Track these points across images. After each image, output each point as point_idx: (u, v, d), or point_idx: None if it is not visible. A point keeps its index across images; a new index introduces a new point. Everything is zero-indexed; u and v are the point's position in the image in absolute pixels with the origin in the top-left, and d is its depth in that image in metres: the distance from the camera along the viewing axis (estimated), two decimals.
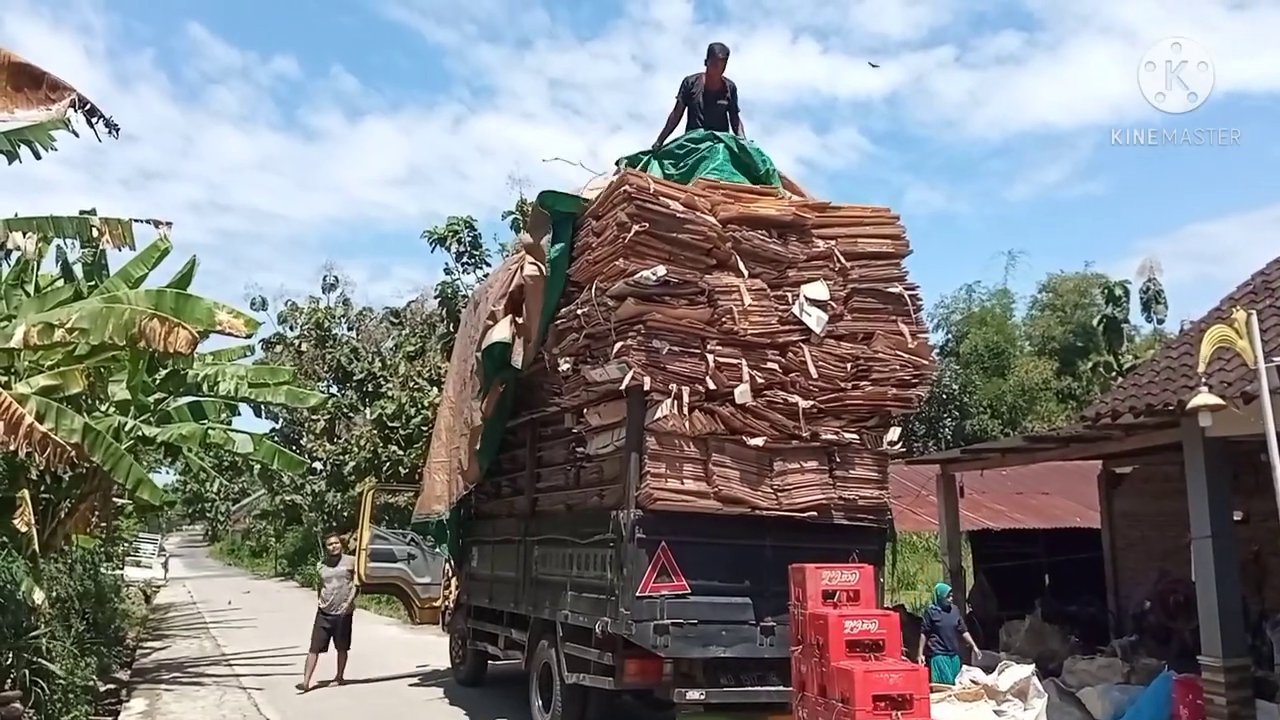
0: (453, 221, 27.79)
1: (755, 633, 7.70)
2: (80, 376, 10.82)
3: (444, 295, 27.82)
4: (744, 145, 8.95)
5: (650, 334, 7.53)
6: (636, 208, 7.61)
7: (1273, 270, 10.61)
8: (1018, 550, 14.61)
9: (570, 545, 8.61)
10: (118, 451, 10.79)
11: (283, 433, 34.76)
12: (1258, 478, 7.72)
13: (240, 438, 15.40)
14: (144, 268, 13.47)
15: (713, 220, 7.91)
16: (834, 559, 7.27)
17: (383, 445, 26.88)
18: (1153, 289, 33.45)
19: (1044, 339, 35.00)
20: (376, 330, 34.59)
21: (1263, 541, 10.06)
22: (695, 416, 7.57)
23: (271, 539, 45.30)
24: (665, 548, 7.47)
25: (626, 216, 7.63)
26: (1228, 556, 8.26)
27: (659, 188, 7.85)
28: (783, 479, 7.84)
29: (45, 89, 9.18)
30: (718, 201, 8.10)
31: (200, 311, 10.77)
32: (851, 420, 8.14)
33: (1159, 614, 11.09)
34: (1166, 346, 12.92)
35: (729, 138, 9.02)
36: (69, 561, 14.52)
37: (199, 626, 20.64)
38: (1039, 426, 26.77)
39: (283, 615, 21.55)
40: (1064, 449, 11.06)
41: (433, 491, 11.63)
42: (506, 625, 10.53)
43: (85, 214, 11.43)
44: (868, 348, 8.28)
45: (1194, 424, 7.42)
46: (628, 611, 7.33)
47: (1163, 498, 11.50)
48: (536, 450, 10.03)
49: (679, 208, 7.79)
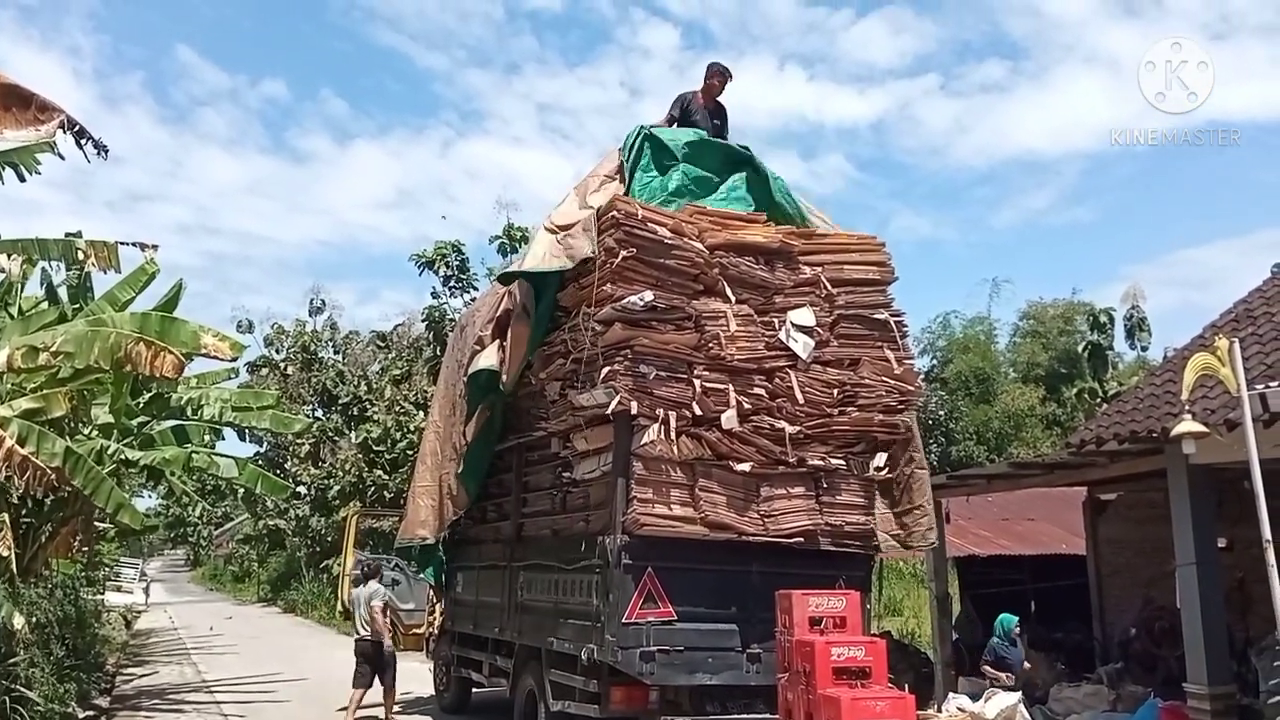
0: (440, 245, 27.83)
1: (742, 660, 7.65)
2: (63, 400, 10.76)
3: (431, 319, 27.80)
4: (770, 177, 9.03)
5: (637, 359, 7.53)
6: (624, 233, 7.64)
7: (1254, 298, 10.70)
8: (1004, 577, 14.59)
9: (556, 571, 8.56)
10: (99, 475, 10.72)
11: (267, 456, 34.53)
12: (1242, 505, 7.74)
13: (224, 462, 15.32)
14: (130, 290, 13.43)
15: (700, 246, 7.95)
16: (820, 585, 7.24)
17: (368, 469, 26.76)
18: (1136, 316, 33.67)
19: (1028, 365, 35.14)
20: (363, 354, 34.50)
21: (1247, 569, 10.06)
22: (682, 441, 7.56)
23: (254, 564, 44.91)
24: (651, 574, 7.43)
25: (614, 242, 7.65)
26: (1212, 584, 8.28)
27: (646, 214, 7.88)
28: (769, 504, 7.83)
29: (34, 110, 9.19)
30: (705, 228, 8.14)
31: (186, 335, 10.73)
32: (838, 446, 8.15)
33: (1144, 641, 11.09)
34: (1150, 373, 12.99)
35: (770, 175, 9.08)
36: (49, 586, 14.37)
37: (180, 652, 20.40)
38: (1024, 453, 26.85)
39: (264, 641, 21.35)
40: (1049, 475, 11.08)
41: (417, 516, 11.55)
42: (491, 652, 10.45)
43: (71, 236, 11.41)
44: (854, 373, 8.30)
45: (1178, 451, 7.45)
46: (613, 638, 7.28)
47: (1147, 524, 11.53)
48: (523, 475, 9.99)
49: (666, 233, 7.82)
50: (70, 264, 11.53)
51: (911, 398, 8.57)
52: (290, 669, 15.83)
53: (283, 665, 16.30)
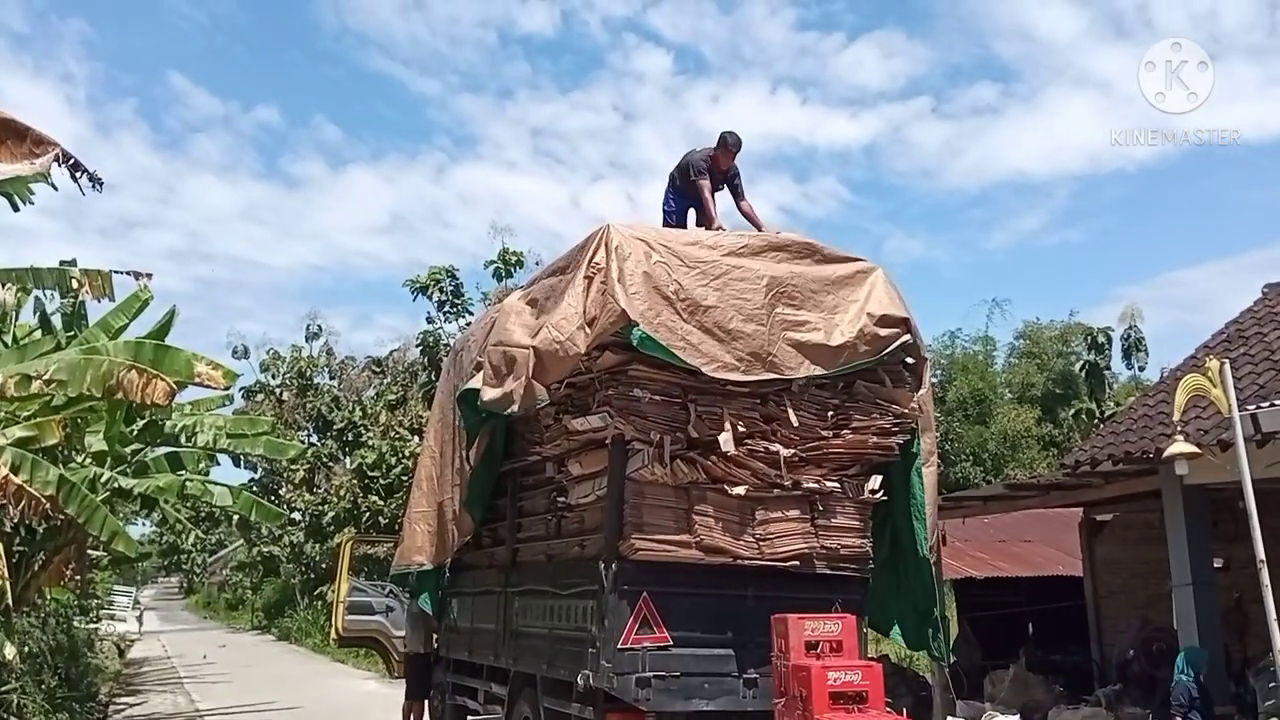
0: (435, 271, 27.88)
1: (738, 685, 7.60)
2: (57, 428, 10.72)
3: (426, 344, 27.81)
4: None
5: (631, 383, 7.53)
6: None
7: (1245, 319, 10.76)
8: (1001, 599, 14.57)
9: (551, 596, 8.52)
10: (93, 503, 10.68)
11: (261, 483, 34.42)
12: (1237, 525, 7.77)
13: (218, 489, 15.27)
14: (124, 318, 13.43)
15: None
16: (816, 609, 7.22)
17: (363, 495, 26.67)
18: (1134, 336, 33.75)
19: (1023, 386, 35.16)
20: (358, 379, 34.46)
21: (1244, 589, 10.06)
22: (677, 466, 7.54)
23: (248, 591, 44.68)
24: (647, 598, 7.39)
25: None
26: (1209, 604, 8.29)
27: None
28: (764, 528, 7.80)
29: (29, 143, 9.20)
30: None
31: (179, 363, 10.73)
32: (833, 468, 8.13)
33: (1142, 663, 11.06)
34: (1144, 394, 13.02)
35: None
36: (42, 615, 14.30)
37: (173, 681, 20.27)
38: (1021, 474, 26.83)
39: (258, 670, 21.22)
40: (1044, 496, 11.10)
41: (414, 542, 11.49)
42: (486, 679, 10.37)
43: (65, 264, 11.42)
44: (848, 396, 8.30)
45: (1172, 472, 7.47)
46: (609, 664, 7.24)
47: (1144, 545, 11.53)
48: (517, 500, 9.95)
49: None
50: (64, 292, 11.52)
51: (906, 420, 8.56)
52: (284, 697, 15.73)
53: (276, 694, 16.18)
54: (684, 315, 7.41)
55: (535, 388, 7.62)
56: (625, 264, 7.34)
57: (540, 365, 7.59)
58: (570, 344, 7.37)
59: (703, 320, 7.45)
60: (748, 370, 7.52)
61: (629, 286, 7.23)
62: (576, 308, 7.42)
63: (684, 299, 7.44)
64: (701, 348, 7.38)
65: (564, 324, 7.44)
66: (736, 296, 7.62)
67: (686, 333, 7.38)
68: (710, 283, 7.61)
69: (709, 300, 7.51)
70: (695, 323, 7.43)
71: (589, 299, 7.39)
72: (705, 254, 7.81)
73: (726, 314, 7.54)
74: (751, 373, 7.54)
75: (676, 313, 7.39)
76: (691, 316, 7.44)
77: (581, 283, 7.50)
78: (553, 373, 7.60)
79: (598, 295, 7.33)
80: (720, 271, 7.70)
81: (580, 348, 7.32)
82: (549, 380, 7.63)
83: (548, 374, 7.61)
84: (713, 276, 7.65)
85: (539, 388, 7.62)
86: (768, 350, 7.60)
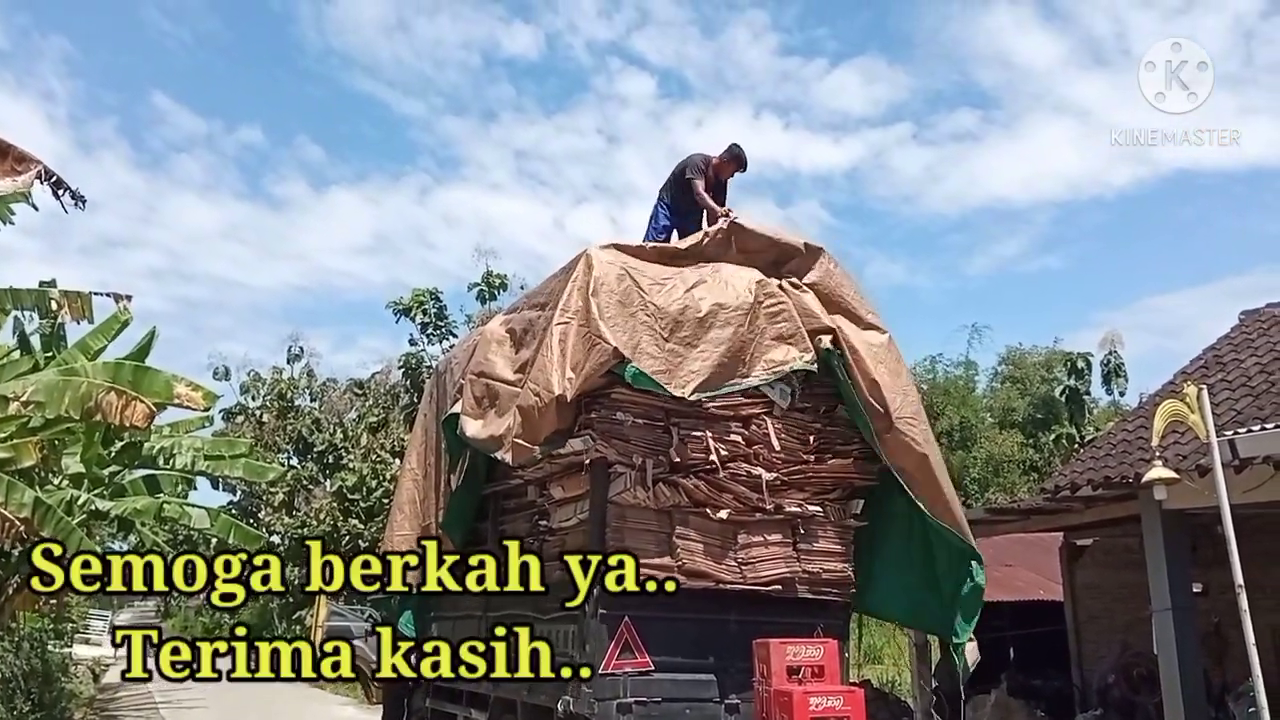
0: (418, 293, 27.86)
1: (720, 711, 7.56)
2: (34, 449, 10.62)
3: (408, 366, 27.73)
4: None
5: (614, 407, 7.53)
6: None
7: (1223, 345, 10.87)
8: (982, 623, 14.55)
9: (532, 621, 8.47)
10: (69, 526, 10.57)
11: (240, 505, 34.15)
12: (1215, 550, 7.80)
13: (196, 512, 15.14)
14: (103, 339, 13.35)
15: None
16: (798, 633, 7.20)
17: (343, 519, 26.49)
18: (1114, 361, 33.97)
19: (1004, 411, 35.30)
20: (339, 401, 34.31)
21: (1223, 613, 10.11)
22: (659, 489, 7.53)
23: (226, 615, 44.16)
24: (629, 623, 7.36)
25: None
26: (1188, 629, 8.32)
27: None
28: (746, 552, 7.79)
29: (11, 160, 9.19)
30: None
31: (158, 385, 10.67)
32: (815, 492, 8.14)
33: (1122, 687, 11.08)
34: (1124, 420, 13.10)
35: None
36: (15, 639, 14.10)
37: (148, 707, 19.99)
38: (1002, 498, 26.92)
39: (235, 695, 20.93)
40: (1025, 521, 11.14)
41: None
42: (466, 705, 10.29)
43: (45, 285, 11.36)
44: (830, 420, 8.32)
45: (1151, 497, 7.51)
46: (590, 689, 7.20)
47: (1123, 569, 11.58)
48: (499, 523, 9.91)
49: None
50: (43, 313, 11.45)
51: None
52: None
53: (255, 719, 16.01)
54: (662, 335, 7.48)
55: (530, 449, 7.55)
56: (602, 298, 7.40)
57: (529, 424, 7.53)
58: (554, 394, 7.30)
59: (683, 336, 7.54)
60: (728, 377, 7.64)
61: (609, 321, 7.29)
62: (558, 354, 7.39)
63: (662, 319, 7.53)
64: (683, 367, 7.44)
65: (550, 380, 7.37)
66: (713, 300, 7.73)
67: (669, 354, 7.43)
68: (686, 293, 7.73)
69: (685, 313, 7.60)
70: (676, 340, 7.51)
71: (571, 344, 7.38)
72: (678, 264, 8.02)
73: (705, 321, 7.64)
74: (735, 376, 7.69)
75: (655, 333, 7.46)
76: (672, 335, 7.51)
77: (558, 329, 7.47)
78: (544, 428, 7.55)
79: (579, 341, 7.35)
80: (694, 279, 7.84)
81: (569, 398, 7.28)
82: (540, 437, 7.56)
83: (539, 432, 7.54)
84: (687, 285, 7.78)
85: (535, 449, 7.55)
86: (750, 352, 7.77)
